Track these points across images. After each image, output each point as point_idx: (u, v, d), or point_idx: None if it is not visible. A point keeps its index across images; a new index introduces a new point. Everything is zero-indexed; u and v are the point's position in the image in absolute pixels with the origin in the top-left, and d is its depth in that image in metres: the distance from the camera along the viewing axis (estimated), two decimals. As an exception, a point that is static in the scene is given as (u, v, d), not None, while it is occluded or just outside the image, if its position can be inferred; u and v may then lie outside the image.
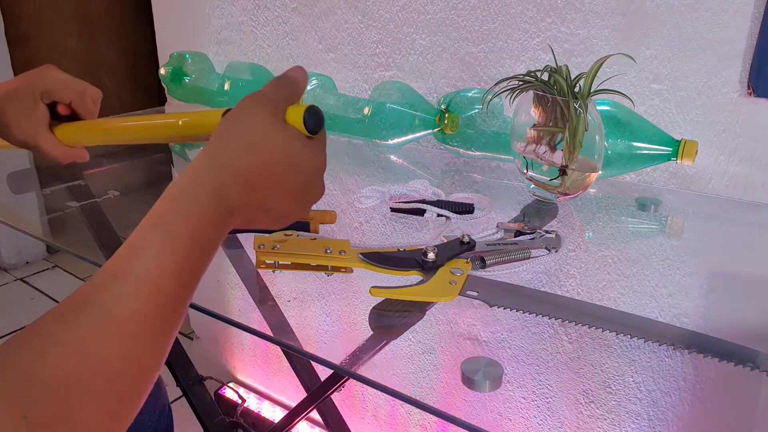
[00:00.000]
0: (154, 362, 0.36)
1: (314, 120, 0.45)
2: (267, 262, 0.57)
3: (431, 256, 0.54)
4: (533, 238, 0.62)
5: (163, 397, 0.76)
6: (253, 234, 0.58)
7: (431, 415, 0.42)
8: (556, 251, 0.62)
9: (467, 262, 0.57)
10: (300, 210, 0.46)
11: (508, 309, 0.51)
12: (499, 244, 0.61)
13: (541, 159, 0.74)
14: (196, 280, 0.39)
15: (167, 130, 0.59)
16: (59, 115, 0.66)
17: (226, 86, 1.16)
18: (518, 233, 0.64)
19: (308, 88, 1.07)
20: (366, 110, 0.98)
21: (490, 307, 0.52)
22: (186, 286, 0.38)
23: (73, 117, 0.67)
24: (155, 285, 0.36)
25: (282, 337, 0.52)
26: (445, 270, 0.55)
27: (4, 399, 0.29)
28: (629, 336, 0.47)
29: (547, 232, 0.64)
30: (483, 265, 0.58)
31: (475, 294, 0.53)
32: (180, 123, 0.56)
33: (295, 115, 0.45)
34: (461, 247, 0.58)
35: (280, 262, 0.58)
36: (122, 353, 0.34)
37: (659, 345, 0.47)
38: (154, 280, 0.36)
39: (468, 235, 0.58)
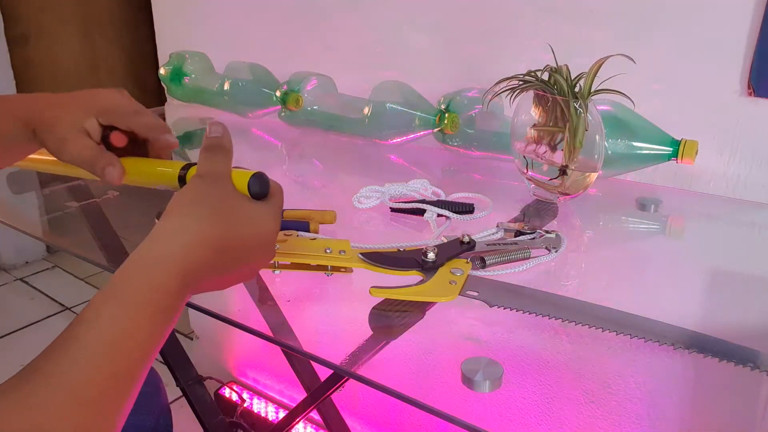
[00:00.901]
0: (108, 429, 0.35)
1: (259, 186, 0.47)
2: None
3: (431, 256, 0.54)
4: (533, 238, 0.62)
5: (162, 398, 0.76)
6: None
7: (431, 415, 0.42)
8: (556, 251, 0.62)
9: (467, 262, 0.57)
10: (251, 274, 0.48)
11: (508, 309, 0.51)
12: (499, 244, 0.61)
13: (541, 159, 0.74)
14: (154, 346, 0.38)
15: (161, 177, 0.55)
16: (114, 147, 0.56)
17: (226, 86, 1.16)
18: (518, 233, 0.64)
19: (308, 88, 1.07)
20: (366, 110, 0.98)
21: (490, 307, 0.52)
22: (143, 352, 0.37)
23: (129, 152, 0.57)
24: (109, 352, 0.35)
25: (282, 337, 0.52)
26: (445, 270, 0.55)
27: None
28: (629, 336, 0.47)
29: (547, 232, 0.64)
30: (483, 265, 0.58)
31: (475, 294, 0.53)
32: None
33: (240, 181, 0.46)
34: (461, 247, 0.57)
35: (280, 262, 0.57)
36: (74, 422, 0.33)
37: (659, 345, 0.47)
38: (108, 347, 0.35)
39: (468, 235, 0.58)
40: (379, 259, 0.55)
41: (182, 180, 0.54)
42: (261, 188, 0.47)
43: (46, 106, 0.55)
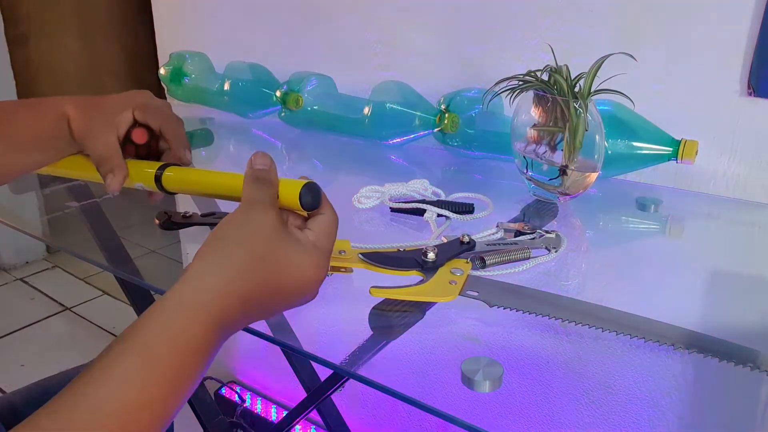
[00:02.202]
0: None
1: (311, 197, 0.44)
2: None
3: (431, 256, 0.54)
4: (533, 238, 0.62)
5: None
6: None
7: (431, 415, 0.42)
8: (556, 251, 0.62)
9: (467, 262, 0.57)
10: (290, 308, 0.44)
11: (508, 309, 0.51)
12: (499, 244, 0.61)
13: (541, 159, 0.74)
14: (175, 405, 0.34)
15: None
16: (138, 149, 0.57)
17: (226, 86, 1.16)
18: (518, 233, 0.64)
19: (308, 87, 1.07)
20: (366, 110, 0.98)
21: (490, 307, 0.52)
22: (159, 419, 0.33)
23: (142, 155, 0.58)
24: (120, 417, 0.32)
25: (282, 337, 0.52)
26: (445, 270, 0.55)
27: None
28: (629, 336, 0.47)
29: (547, 232, 0.64)
30: (483, 265, 0.58)
31: (475, 294, 0.53)
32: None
33: (290, 193, 0.44)
34: (461, 247, 0.57)
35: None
36: None
37: (659, 345, 0.47)
38: (121, 410, 0.32)
39: (468, 235, 0.58)
40: (379, 259, 0.55)
41: (158, 180, 0.54)
42: (313, 199, 0.44)
43: (89, 99, 0.56)
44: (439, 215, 0.70)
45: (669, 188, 0.87)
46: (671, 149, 0.78)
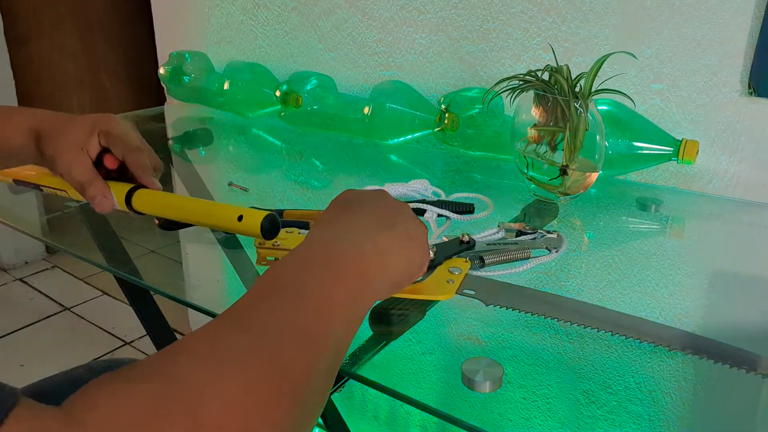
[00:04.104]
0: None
1: (271, 228, 0.50)
2: (268, 258, 0.57)
3: (430, 255, 0.54)
4: (534, 238, 0.62)
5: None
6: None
7: (431, 416, 0.42)
8: (557, 251, 0.61)
9: (466, 261, 0.56)
10: (422, 254, 0.45)
11: (505, 308, 0.51)
12: (499, 244, 0.61)
13: (542, 159, 0.73)
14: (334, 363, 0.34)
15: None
16: (109, 171, 0.60)
17: (226, 86, 1.16)
18: (519, 233, 0.63)
19: (308, 87, 1.07)
20: (366, 110, 0.98)
21: (486, 305, 0.51)
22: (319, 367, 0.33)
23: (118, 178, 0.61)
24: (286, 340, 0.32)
25: (282, 337, 0.51)
26: (443, 269, 0.54)
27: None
28: (624, 337, 0.47)
29: (548, 232, 0.63)
30: (482, 264, 0.57)
31: (471, 292, 0.53)
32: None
33: (253, 223, 0.50)
34: (460, 247, 0.57)
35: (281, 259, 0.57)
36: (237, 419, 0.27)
37: (654, 346, 0.47)
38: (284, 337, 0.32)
39: (468, 235, 0.58)
40: (379, 258, 0.55)
41: (128, 201, 0.58)
42: (272, 227, 0.50)
43: (57, 118, 0.58)
44: (439, 215, 0.70)
45: (669, 188, 0.86)
46: (672, 149, 0.78)
